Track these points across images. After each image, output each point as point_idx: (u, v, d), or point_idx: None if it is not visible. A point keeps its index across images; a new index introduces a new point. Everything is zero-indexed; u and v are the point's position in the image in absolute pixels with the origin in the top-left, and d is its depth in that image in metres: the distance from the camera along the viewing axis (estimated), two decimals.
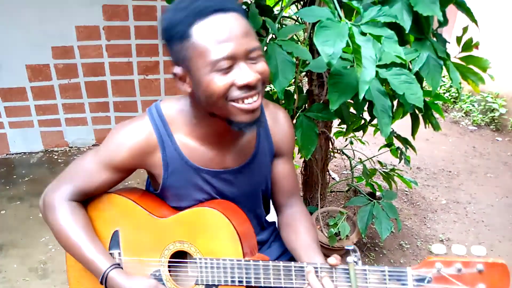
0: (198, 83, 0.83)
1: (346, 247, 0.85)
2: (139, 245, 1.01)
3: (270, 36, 1.36)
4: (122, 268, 0.97)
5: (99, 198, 1.04)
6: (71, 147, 3.31)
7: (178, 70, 0.85)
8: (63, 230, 0.97)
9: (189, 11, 0.78)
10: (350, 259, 0.84)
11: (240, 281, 0.93)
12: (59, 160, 3.12)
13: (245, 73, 0.81)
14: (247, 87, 0.82)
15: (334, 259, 0.87)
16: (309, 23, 1.56)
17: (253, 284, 0.93)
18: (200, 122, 0.94)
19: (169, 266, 1.01)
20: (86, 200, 1.04)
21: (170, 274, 1.01)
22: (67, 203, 0.98)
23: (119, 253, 1.03)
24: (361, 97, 1.05)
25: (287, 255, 1.17)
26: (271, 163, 1.10)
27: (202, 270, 0.96)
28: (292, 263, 0.90)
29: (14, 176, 2.88)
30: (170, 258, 1.00)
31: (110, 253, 1.02)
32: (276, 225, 1.25)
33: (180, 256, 1.02)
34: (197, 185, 1.01)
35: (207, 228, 0.97)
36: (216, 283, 0.96)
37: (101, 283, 0.93)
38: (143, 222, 1.01)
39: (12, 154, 3.19)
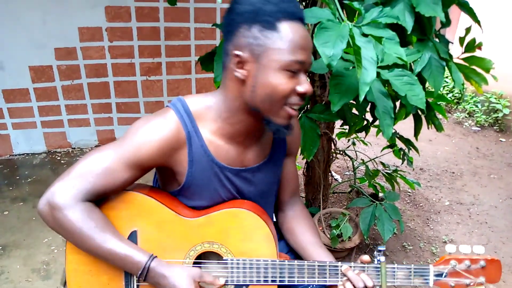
0: (264, 74, 0.86)
1: (379, 248, 0.98)
2: (160, 246, 0.98)
3: None
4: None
5: (114, 197, 0.97)
6: (74, 148, 3.32)
7: (241, 54, 0.87)
8: (82, 232, 0.89)
9: (280, 8, 0.84)
10: (382, 258, 0.96)
11: (273, 280, 0.96)
12: (62, 161, 3.13)
13: (306, 83, 0.89)
14: (303, 96, 0.89)
15: (367, 256, 0.97)
16: (310, 24, 1.55)
17: (286, 283, 0.97)
18: (231, 118, 0.95)
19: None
20: (98, 201, 0.96)
21: None
22: (82, 204, 0.90)
23: None
24: (361, 98, 1.04)
25: (290, 254, 1.18)
26: (283, 162, 1.14)
27: (233, 271, 0.97)
28: (327, 262, 0.97)
29: (17, 177, 2.89)
30: (195, 259, 0.99)
31: None
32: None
33: (202, 258, 1.01)
34: (220, 183, 1.01)
35: (241, 229, 0.97)
36: (248, 283, 0.97)
37: (140, 276, 0.90)
38: (167, 222, 0.97)
39: (15, 155, 3.20)
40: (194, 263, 0.99)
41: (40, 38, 2.87)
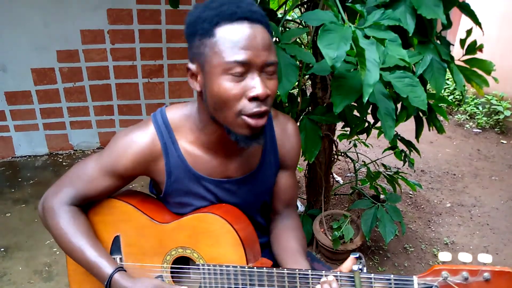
0: (209, 83, 0.82)
1: (352, 255, 0.86)
2: (141, 251, 1.01)
3: (273, 40, 1.36)
4: (125, 271, 0.96)
5: (100, 203, 1.03)
6: (76, 150, 3.33)
7: (192, 66, 0.86)
8: (64, 234, 0.96)
9: (218, 12, 0.79)
10: (355, 267, 0.84)
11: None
12: (64, 163, 3.13)
13: (257, 84, 0.80)
14: (257, 100, 0.81)
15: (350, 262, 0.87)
16: (312, 27, 1.56)
17: None
18: (205, 128, 0.93)
19: (171, 272, 1.00)
20: (86, 204, 1.03)
21: (173, 280, 1.00)
22: (68, 207, 0.98)
23: (120, 259, 1.03)
24: (365, 100, 1.05)
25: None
26: (275, 175, 1.09)
27: (205, 277, 0.95)
28: (297, 270, 0.89)
29: (19, 179, 2.90)
30: (172, 263, 1.00)
31: None
32: None
33: (183, 261, 1.01)
34: (198, 194, 1.00)
35: (209, 234, 0.96)
36: None
37: (106, 287, 0.92)
38: (144, 228, 1.00)
39: (17, 157, 3.21)
40: (172, 267, 1.00)
41: (42, 40, 2.88)
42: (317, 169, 2.04)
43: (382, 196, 2.36)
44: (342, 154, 2.27)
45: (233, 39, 0.78)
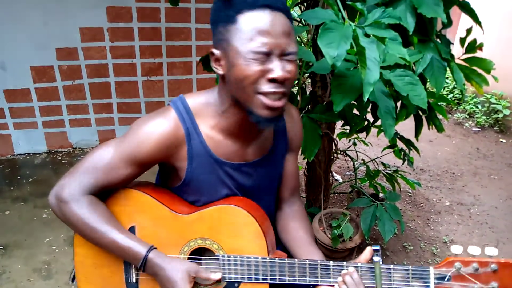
0: (232, 66, 0.87)
1: (373, 247, 0.91)
2: (156, 241, 1.00)
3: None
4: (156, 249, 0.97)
5: (115, 193, 1.02)
6: (75, 148, 3.33)
7: (216, 51, 0.90)
8: (86, 221, 0.94)
9: (241, 0, 0.85)
10: (376, 258, 0.88)
11: (264, 278, 0.95)
12: (63, 161, 3.13)
13: (276, 68, 0.85)
14: (275, 82, 0.86)
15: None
16: (312, 25, 1.56)
17: (277, 282, 0.95)
18: (225, 112, 0.96)
19: None
20: (101, 194, 1.01)
21: None
22: (87, 197, 0.96)
23: None
24: (365, 98, 1.05)
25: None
26: (284, 158, 1.14)
27: (225, 267, 0.97)
28: (318, 261, 0.93)
29: (18, 177, 2.89)
30: (189, 255, 1.00)
31: None
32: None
33: (199, 254, 1.02)
34: (218, 178, 1.02)
35: (232, 225, 0.97)
36: (239, 280, 0.97)
37: (140, 267, 0.94)
38: (162, 218, 1.00)
39: (16, 155, 3.20)
40: (188, 259, 1.00)
41: (41, 38, 2.88)
42: (316, 168, 2.04)
43: (381, 195, 2.36)
44: (342, 152, 2.27)
45: (255, 25, 0.84)
